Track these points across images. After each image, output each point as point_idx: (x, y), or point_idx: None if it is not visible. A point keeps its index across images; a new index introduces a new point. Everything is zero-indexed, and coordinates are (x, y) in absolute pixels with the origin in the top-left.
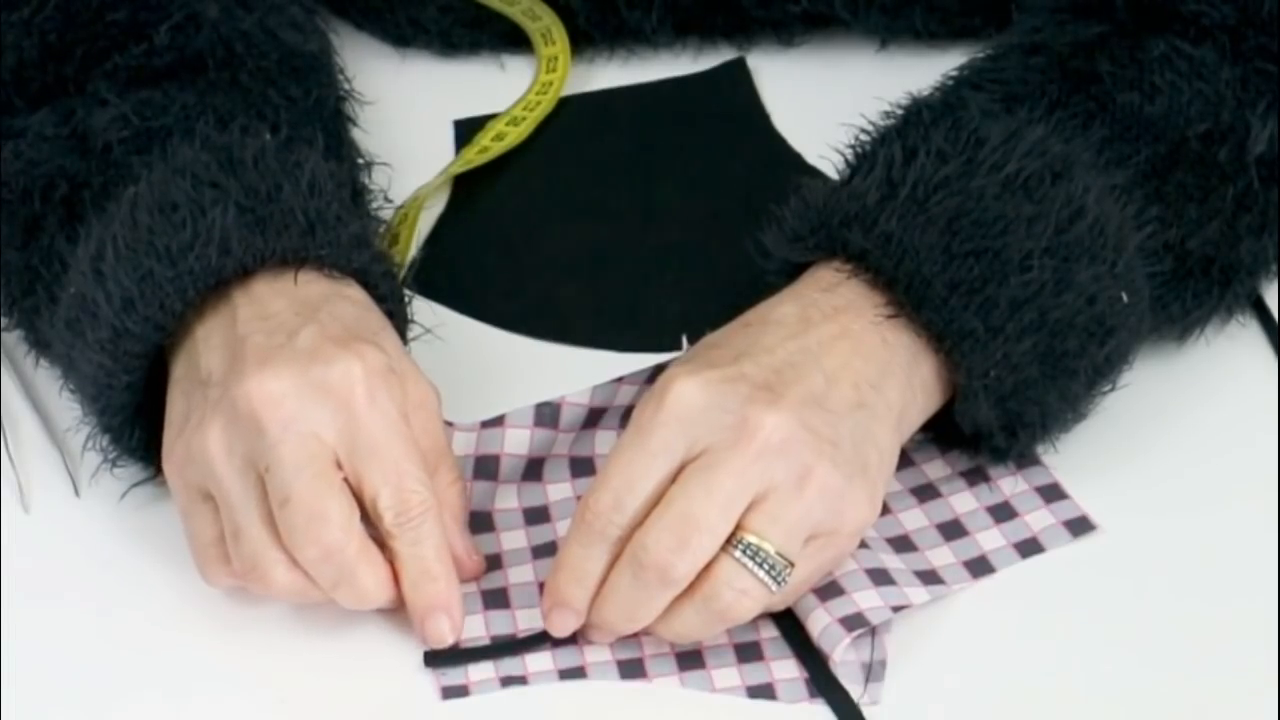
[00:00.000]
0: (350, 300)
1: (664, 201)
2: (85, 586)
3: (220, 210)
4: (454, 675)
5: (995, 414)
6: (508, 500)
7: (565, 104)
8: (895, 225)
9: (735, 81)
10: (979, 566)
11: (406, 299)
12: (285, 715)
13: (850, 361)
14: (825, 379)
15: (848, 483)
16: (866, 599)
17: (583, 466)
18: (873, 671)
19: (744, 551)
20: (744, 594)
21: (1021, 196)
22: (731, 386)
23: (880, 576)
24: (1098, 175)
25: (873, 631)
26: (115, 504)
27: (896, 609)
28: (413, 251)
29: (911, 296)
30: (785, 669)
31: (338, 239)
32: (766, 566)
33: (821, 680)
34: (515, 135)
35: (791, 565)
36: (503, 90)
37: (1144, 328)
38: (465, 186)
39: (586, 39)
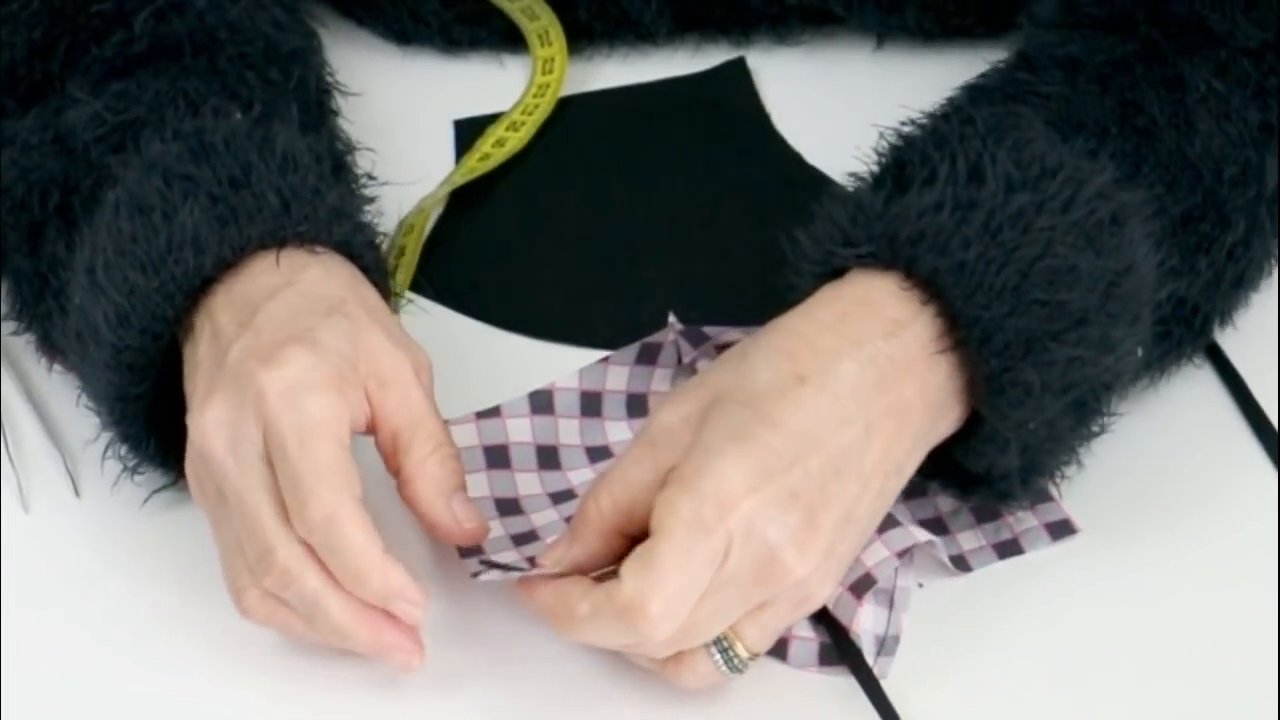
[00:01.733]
0: (297, 289)
1: (663, 201)
2: (85, 586)
3: (191, 205)
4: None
5: (1019, 462)
6: (531, 487)
7: (564, 104)
8: (972, 256)
9: (735, 81)
10: (958, 563)
11: (390, 269)
12: (285, 714)
13: (890, 451)
14: (861, 484)
15: (834, 579)
16: (873, 554)
17: (600, 454)
18: (885, 646)
19: (718, 648)
20: (703, 676)
21: (1085, 244)
22: (780, 514)
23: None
24: (1143, 225)
25: (891, 605)
26: (115, 504)
27: (901, 554)
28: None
29: (975, 336)
30: (802, 627)
31: (315, 213)
32: (733, 664)
33: (843, 646)
34: (516, 140)
35: (756, 657)
36: (503, 89)
37: (1138, 376)
38: (465, 187)
39: (587, 33)
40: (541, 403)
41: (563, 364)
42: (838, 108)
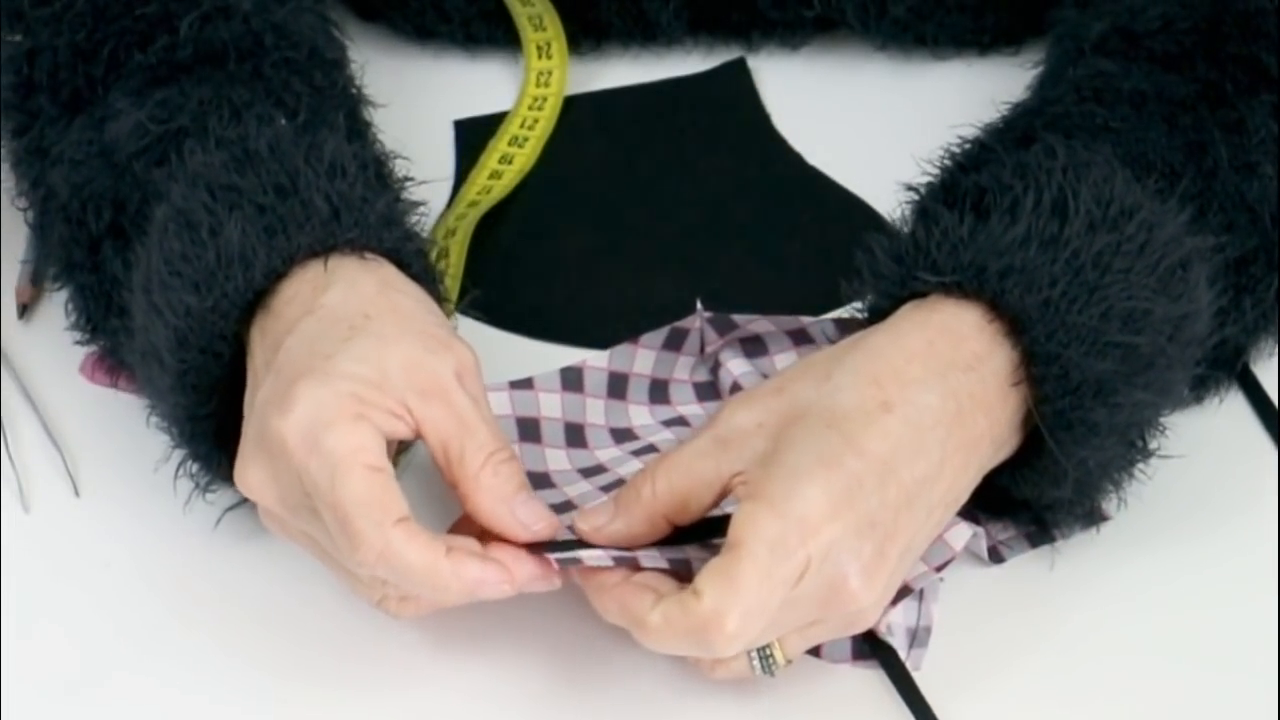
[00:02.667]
0: (316, 315)
1: (664, 201)
2: (85, 586)
3: (237, 217)
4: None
5: (1072, 494)
6: (560, 463)
7: (566, 104)
8: (1057, 293)
9: (735, 81)
10: (991, 555)
11: (440, 276)
12: (285, 715)
13: (955, 483)
14: (926, 514)
15: (885, 604)
16: (914, 568)
17: (623, 435)
18: (917, 637)
19: (758, 653)
20: (736, 673)
21: (1159, 288)
22: (857, 543)
23: None
24: (1205, 269)
25: (920, 598)
26: (115, 504)
27: (940, 568)
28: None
29: (1052, 373)
30: None
31: (364, 219)
32: (768, 667)
33: (874, 643)
34: (524, 157)
35: (790, 662)
36: (514, 90)
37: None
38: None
39: (604, 31)
40: (572, 379)
41: (559, 364)
42: (838, 108)
